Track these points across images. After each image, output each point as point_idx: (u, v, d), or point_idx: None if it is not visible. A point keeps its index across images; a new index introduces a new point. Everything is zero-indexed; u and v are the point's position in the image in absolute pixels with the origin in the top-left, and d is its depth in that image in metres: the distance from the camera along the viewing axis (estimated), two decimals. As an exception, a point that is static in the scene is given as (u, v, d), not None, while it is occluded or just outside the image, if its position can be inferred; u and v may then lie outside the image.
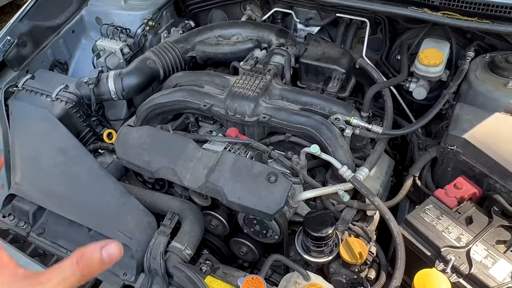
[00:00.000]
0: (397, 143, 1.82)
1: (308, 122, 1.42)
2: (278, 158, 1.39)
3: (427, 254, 1.22)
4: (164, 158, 1.38)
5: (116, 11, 1.99)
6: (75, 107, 1.67)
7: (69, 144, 1.50)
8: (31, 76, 1.75)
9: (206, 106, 1.50)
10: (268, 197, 1.24)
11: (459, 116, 1.38)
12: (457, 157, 1.36)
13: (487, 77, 1.47)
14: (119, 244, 0.53)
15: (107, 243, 0.53)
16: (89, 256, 0.52)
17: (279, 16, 2.02)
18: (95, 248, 0.52)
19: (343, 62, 1.59)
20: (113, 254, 0.52)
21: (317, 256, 1.30)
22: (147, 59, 1.73)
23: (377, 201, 1.26)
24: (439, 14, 1.50)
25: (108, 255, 0.52)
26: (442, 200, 1.30)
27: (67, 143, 1.50)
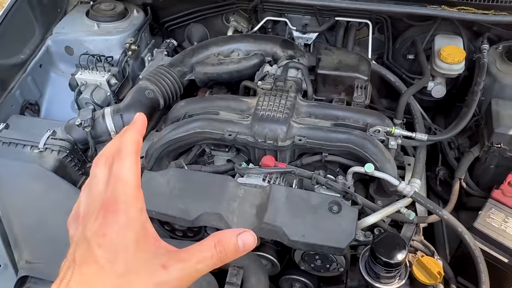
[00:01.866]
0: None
1: (349, 139, 1.31)
2: (327, 183, 1.28)
3: (504, 261, 1.18)
4: (203, 203, 1.20)
5: (89, 38, 1.74)
6: (70, 155, 1.43)
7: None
8: (4, 125, 1.48)
9: (231, 136, 1.34)
10: (336, 230, 1.13)
11: (499, 112, 1.35)
12: (502, 154, 1.34)
13: (509, 69, 1.47)
14: (254, 234, 0.54)
15: (243, 231, 0.53)
16: (226, 241, 0.52)
17: (269, 25, 1.89)
18: (232, 234, 0.53)
19: (363, 69, 1.51)
20: (248, 243, 0.53)
21: (388, 282, 1.20)
22: (144, 89, 1.53)
23: (446, 215, 1.19)
24: (454, 9, 1.46)
25: (243, 243, 0.52)
26: (502, 201, 1.26)
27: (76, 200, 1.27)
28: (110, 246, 0.46)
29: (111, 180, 0.50)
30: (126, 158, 0.52)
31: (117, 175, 0.50)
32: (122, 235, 0.47)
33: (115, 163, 0.51)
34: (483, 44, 1.54)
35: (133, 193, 0.51)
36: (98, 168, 0.53)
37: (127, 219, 0.48)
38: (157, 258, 0.49)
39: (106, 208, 0.48)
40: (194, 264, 0.50)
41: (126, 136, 0.54)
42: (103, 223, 0.47)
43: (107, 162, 0.53)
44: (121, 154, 0.52)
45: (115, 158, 0.52)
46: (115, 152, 0.53)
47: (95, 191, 0.51)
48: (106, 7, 1.84)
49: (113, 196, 0.49)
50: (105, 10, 1.83)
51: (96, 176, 0.53)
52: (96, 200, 0.50)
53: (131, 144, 0.53)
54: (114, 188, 0.49)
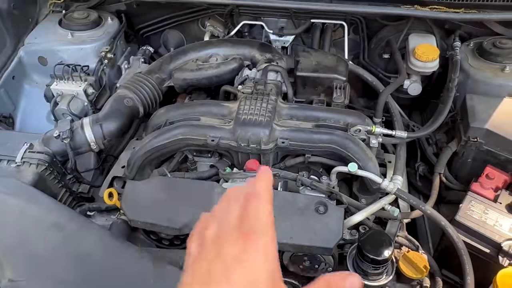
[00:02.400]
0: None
1: (331, 139, 1.33)
2: (311, 184, 1.29)
3: (486, 252, 1.21)
4: (189, 210, 1.19)
5: (63, 47, 1.71)
6: (49, 168, 1.39)
7: (62, 216, 1.23)
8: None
9: (214, 141, 1.34)
10: (324, 230, 1.14)
11: (474, 107, 1.39)
12: (479, 148, 1.38)
13: (482, 64, 1.51)
14: (359, 277, 0.56)
15: (351, 274, 0.56)
16: (336, 285, 0.54)
17: (246, 29, 1.90)
18: (341, 278, 0.55)
19: (341, 70, 1.53)
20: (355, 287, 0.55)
21: (376, 278, 1.22)
22: (123, 97, 1.51)
23: (429, 210, 1.22)
24: (426, 9, 1.50)
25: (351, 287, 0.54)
26: (481, 193, 1.29)
27: (59, 214, 1.24)
28: (247, 273, 0.50)
29: (249, 215, 0.55)
30: (264, 200, 0.57)
31: (257, 213, 0.56)
32: (260, 266, 0.51)
33: (252, 201, 0.57)
34: (455, 41, 1.59)
35: (272, 232, 0.56)
36: (232, 200, 0.59)
37: (265, 253, 0.52)
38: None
39: (247, 237, 0.52)
40: None
41: (263, 183, 0.60)
42: (243, 250, 0.51)
43: (240, 198, 0.58)
44: (259, 196, 0.58)
45: (252, 198, 0.57)
46: (252, 193, 0.58)
47: (230, 220, 0.56)
48: (80, 16, 1.80)
49: (253, 229, 0.54)
50: (79, 18, 1.80)
51: (229, 206, 0.59)
52: (231, 228, 0.55)
53: (267, 191, 0.59)
54: (254, 222, 0.54)
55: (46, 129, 1.48)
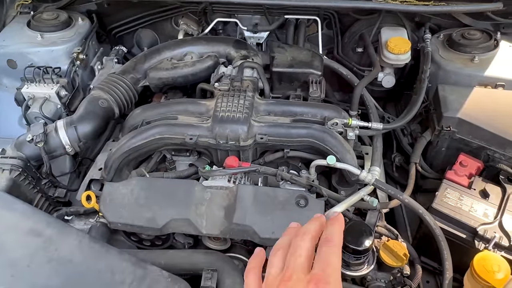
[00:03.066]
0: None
1: (309, 133, 1.34)
2: (291, 178, 1.30)
3: (462, 237, 1.24)
4: (170, 209, 1.19)
5: (33, 49, 1.66)
6: (23, 173, 1.36)
7: (39, 221, 1.20)
8: None
9: (192, 139, 1.33)
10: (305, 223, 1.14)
11: (446, 97, 1.42)
12: (452, 137, 1.41)
13: (452, 56, 1.55)
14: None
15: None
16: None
17: (220, 27, 1.89)
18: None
19: (316, 64, 1.54)
20: None
21: (358, 269, 1.24)
22: (97, 98, 1.48)
23: (407, 198, 1.24)
24: (397, 2, 1.53)
25: None
26: (456, 180, 1.33)
27: (35, 220, 1.20)
28: None
29: (321, 260, 0.58)
30: (337, 247, 0.60)
31: (328, 259, 0.58)
32: None
33: (324, 247, 0.59)
34: (426, 33, 1.62)
35: (340, 279, 0.57)
36: (303, 242, 0.62)
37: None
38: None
39: (318, 280, 0.55)
40: None
41: (337, 228, 0.63)
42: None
43: (312, 240, 0.62)
44: (331, 242, 0.60)
45: (325, 244, 0.60)
46: (327, 236, 0.61)
47: (297, 261, 0.59)
48: (49, 16, 1.76)
49: (324, 275, 0.55)
50: (48, 19, 1.75)
51: (299, 247, 0.61)
52: (300, 269, 0.58)
53: (340, 237, 0.61)
54: (325, 268, 0.56)
55: (18, 134, 1.44)
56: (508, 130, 1.33)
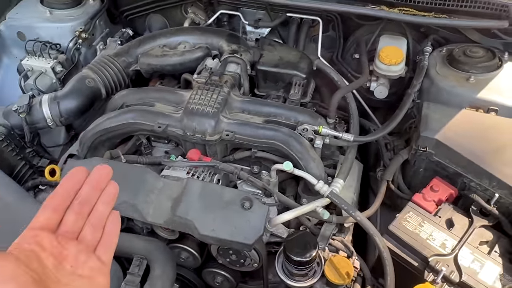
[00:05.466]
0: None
1: (275, 136, 1.32)
2: (248, 179, 1.28)
3: (414, 265, 1.18)
4: (121, 193, 1.21)
5: (41, 24, 1.75)
6: (5, 140, 1.45)
7: (4, 187, 1.28)
8: None
9: (161, 128, 1.35)
10: (245, 226, 1.14)
11: (428, 115, 1.34)
12: (429, 158, 1.33)
13: (448, 72, 1.45)
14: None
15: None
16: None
17: (225, 19, 1.89)
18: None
19: (302, 67, 1.51)
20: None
21: (301, 280, 1.21)
22: (85, 77, 1.54)
23: (359, 216, 1.20)
24: (396, 10, 1.45)
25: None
26: (421, 205, 1.26)
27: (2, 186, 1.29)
28: None
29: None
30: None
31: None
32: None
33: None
34: (427, 46, 1.53)
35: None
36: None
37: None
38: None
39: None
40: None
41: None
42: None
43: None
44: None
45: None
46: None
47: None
48: (60, -6, 1.84)
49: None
50: (59, -4, 1.84)
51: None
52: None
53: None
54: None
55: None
56: (486, 159, 1.23)
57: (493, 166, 1.22)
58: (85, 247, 0.59)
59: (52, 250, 0.56)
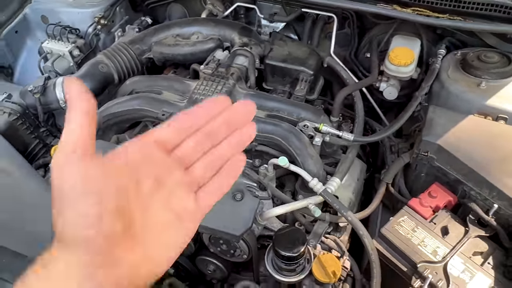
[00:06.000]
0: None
1: (275, 131, 1.32)
2: (244, 171, 1.30)
3: (403, 270, 1.16)
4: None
5: (63, 9, 1.81)
6: (20, 118, 1.52)
7: (13, 163, 1.35)
8: (-32, 84, 1.59)
9: (165, 115, 1.38)
10: (234, 217, 1.15)
11: (432, 120, 1.31)
12: (431, 163, 1.30)
13: (459, 76, 1.41)
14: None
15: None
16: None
17: (242, 11, 1.90)
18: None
19: (310, 63, 1.50)
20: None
21: (289, 275, 1.22)
22: (98, 63, 1.59)
23: (350, 216, 1.19)
24: (409, 10, 1.42)
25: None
26: (417, 210, 1.24)
27: (11, 162, 1.35)
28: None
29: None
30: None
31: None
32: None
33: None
34: (441, 48, 1.49)
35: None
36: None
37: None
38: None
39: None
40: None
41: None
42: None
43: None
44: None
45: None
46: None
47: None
48: (85, -20, 1.90)
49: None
50: (83, -17, 1.89)
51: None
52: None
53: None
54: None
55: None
56: (488, 168, 1.19)
57: (495, 176, 1.18)
58: (188, 181, 0.51)
59: (155, 170, 0.48)
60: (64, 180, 0.42)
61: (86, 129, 0.44)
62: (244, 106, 0.54)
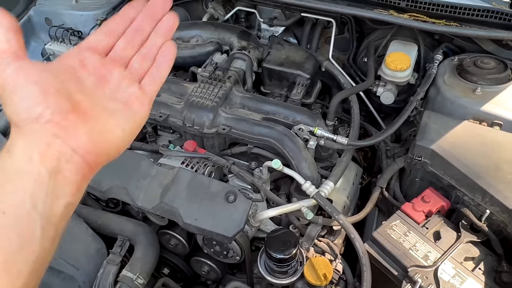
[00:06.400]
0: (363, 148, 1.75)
1: (270, 134, 1.34)
2: (238, 173, 1.31)
3: (394, 274, 1.16)
4: (115, 176, 1.28)
5: (67, 11, 1.84)
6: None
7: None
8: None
9: (162, 117, 1.40)
10: (227, 219, 1.17)
11: (427, 125, 1.31)
12: (425, 168, 1.31)
13: (455, 82, 1.41)
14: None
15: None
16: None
17: (243, 15, 1.91)
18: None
19: (307, 67, 1.51)
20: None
21: (281, 277, 1.23)
22: (99, 64, 1.61)
23: (341, 219, 1.20)
24: (405, 16, 1.43)
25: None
26: (410, 214, 1.24)
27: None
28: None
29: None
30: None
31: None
32: None
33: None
34: (437, 54, 1.49)
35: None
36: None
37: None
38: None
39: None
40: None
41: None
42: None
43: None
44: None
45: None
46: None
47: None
48: (87, -17, 1.93)
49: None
50: (86, -14, 1.92)
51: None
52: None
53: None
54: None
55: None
56: (481, 174, 1.20)
57: (487, 182, 1.18)
58: (129, 75, 0.57)
59: (95, 71, 0.54)
60: (4, 78, 0.47)
61: (15, 40, 0.49)
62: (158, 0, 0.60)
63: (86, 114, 0.50)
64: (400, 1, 1.43)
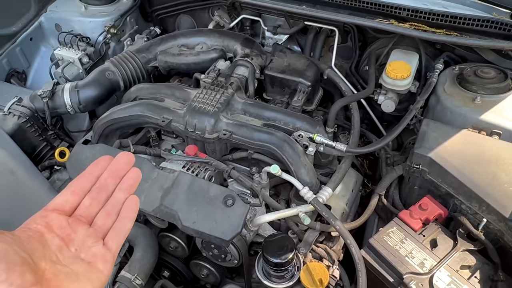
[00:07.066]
0: (368, 157, 1.76)
1: (269, 140, 1.35)
2: (237, 178, 1.33)
3: (389, 280, 1.17)
4: (117, 179, 1.30)
5: (76, 18, 1.90)
6: (29, 121, 1.58)
7: (19, 164, 1.41)
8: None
9: (164, 122, 1.43)
10: (225, 222, 1.18)
11: (425, 133, 1.32)
12: (423, 176, 1.31)
13: (455, 91, 1.42)
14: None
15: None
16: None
17: (248, 23, 1.94)
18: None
19: (308, 75, 1.53)
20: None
21: (278, 281, 1.24)
22: (105, 70, 1.65)
23: (338, 225, 1.21)
24: (406, 25, 1.44)
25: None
26: (407, 222, 1.25)
27: (17, 162, 1.42)
28: None
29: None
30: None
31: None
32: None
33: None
34: (438, 63, 1.51)
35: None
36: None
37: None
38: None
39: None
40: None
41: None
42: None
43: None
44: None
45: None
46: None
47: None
48: (97, -9, 1.98)
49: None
50: (96, -7, 1.98)
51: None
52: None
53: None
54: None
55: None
56: (478, 182, 1.20)
57: (484, 190, 1.19)
58: (94, 232, 0.60)
59: (60, 231, 0.57)
60: None
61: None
62: (123, 156, 0.66)
63: (49, 284, 0.52)
64: (401, 11, 1.45)
